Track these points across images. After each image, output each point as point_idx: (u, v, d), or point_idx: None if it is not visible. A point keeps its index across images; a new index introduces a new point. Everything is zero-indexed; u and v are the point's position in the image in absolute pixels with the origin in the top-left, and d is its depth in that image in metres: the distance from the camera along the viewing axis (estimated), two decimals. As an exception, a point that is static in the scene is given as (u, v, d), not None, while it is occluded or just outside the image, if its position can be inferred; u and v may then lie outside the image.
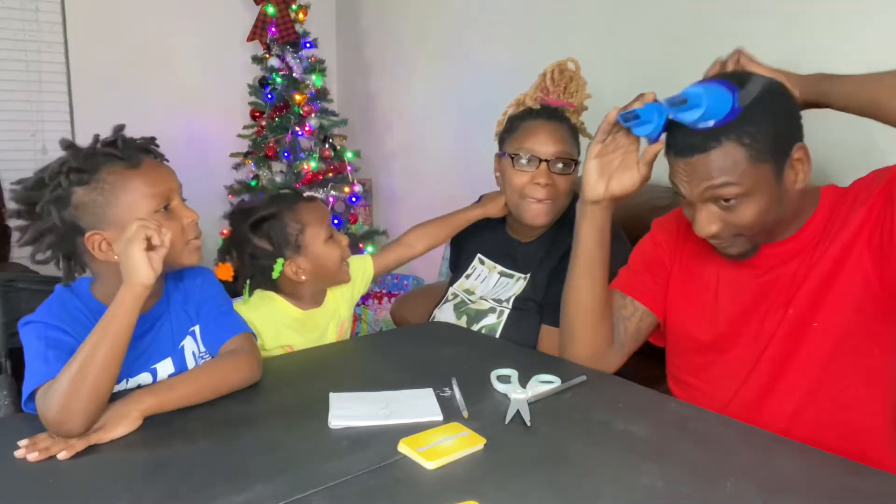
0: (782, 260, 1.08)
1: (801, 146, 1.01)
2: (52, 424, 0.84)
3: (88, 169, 0.97)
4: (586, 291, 1.19)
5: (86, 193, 0.97)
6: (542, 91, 1.49)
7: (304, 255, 1.34)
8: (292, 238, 1.33)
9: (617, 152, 1.13)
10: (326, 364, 1.24)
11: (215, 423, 0.93)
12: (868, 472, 0.81)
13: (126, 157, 0.99)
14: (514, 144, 1.44)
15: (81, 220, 0.98)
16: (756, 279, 1.11)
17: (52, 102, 2.96)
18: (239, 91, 3.22)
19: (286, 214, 1.34)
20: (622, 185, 1.13)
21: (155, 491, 0.75)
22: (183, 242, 1.03)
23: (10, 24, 2.82)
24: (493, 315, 1.46)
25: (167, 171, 1.05)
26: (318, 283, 1.39)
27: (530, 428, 0.91)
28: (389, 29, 3.25)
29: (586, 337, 1.20)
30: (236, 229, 1.37)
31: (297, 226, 1.34)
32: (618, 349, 1.22)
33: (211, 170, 3.25)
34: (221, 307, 1.14)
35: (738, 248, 1.06)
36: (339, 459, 0.82)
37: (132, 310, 0.91)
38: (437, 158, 3.04)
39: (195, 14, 3.26)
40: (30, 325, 0.96)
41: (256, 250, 1.34)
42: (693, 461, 0.83)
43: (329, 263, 1.36)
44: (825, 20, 1.60)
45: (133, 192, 0.98)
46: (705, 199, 1.02)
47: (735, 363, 1.12)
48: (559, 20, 2.33)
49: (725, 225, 1.03)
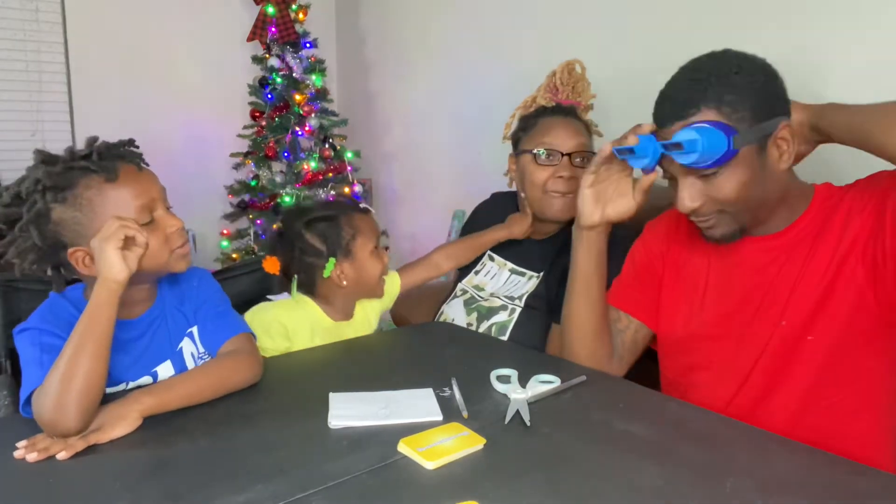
0: (771, 258, 1.07)
1: (787, 125, 0.99)
2: (48, 425, 0.84)
3: (64, 185, 0.95)
4: (585, 311, 1.20)
5: (65, 210, 0.96)
6: (552, 91, 1.52)
7: (350, 260, 1.37)
8: (344, 242, 1.36)
9: (610, 180, 1.16)
10: (326, 364, 1.24)
11: (215, 423, 0.93)
12: (868, 472, 0.81)
13: (102, 169, 0.96)
14: (534, 141, 1.46)
15: (63, 237, 0.97)
16: (745, 279, 1.09)
17: (52, 102, 2.96)
18: (239, 91, 3.23)
19: (342, 219, 1.38)
20: (617, 211, 1.16)
21: (155, 491, 0.75)
22: (168, 252, 1.02)
23: (10, 24, 2.82)
24: (504, 312, 1.46)
25: (147, 178, 1.02)
26: (355, 292, 1.41)
27: (530, 428, 0.91)
28: (389, 29, 3.25)
29: (587, 353, 1.21)
30: (290, 226, 1.40)
31: (350, 231, 1.37)
32: (617, 361, 1.24)
33: (211, 170, 3.25)
34: (219, 307, 1.14)
35: (721, 229, 1.04)
36: (339, 459, 0.82)
37: (109, 304, 0.91)
38: (437, 158, 3.04)
39: (195, 14, 3.26)
40: (24, 333, 0.96)
41: (307, 247, 1.36)
42: (693, 461, 0.83)
43: (370, 274, 1.39)
44: (825, 20, 1.60)
45: (111, 205, 0.96)
46: (686, 172, 1.01)
47: (724, 369, 1.11)
48: (559, 20, 2.33)
49: (707, 200, 1.01)
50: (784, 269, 1.05)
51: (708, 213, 1.03)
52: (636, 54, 2.06)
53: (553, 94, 1.51)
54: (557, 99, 1.50)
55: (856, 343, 1.01)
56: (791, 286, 1.04)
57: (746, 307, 1.09)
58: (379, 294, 1.45)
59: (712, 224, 1.04)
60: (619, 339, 1.24)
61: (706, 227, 1.06)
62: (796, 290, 1.03)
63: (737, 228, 1.04)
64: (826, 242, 1.02)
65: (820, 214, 1.04)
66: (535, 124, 1.47)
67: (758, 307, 1.08)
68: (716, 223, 1.04)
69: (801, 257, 1.04)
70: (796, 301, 1.03)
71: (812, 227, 1.04)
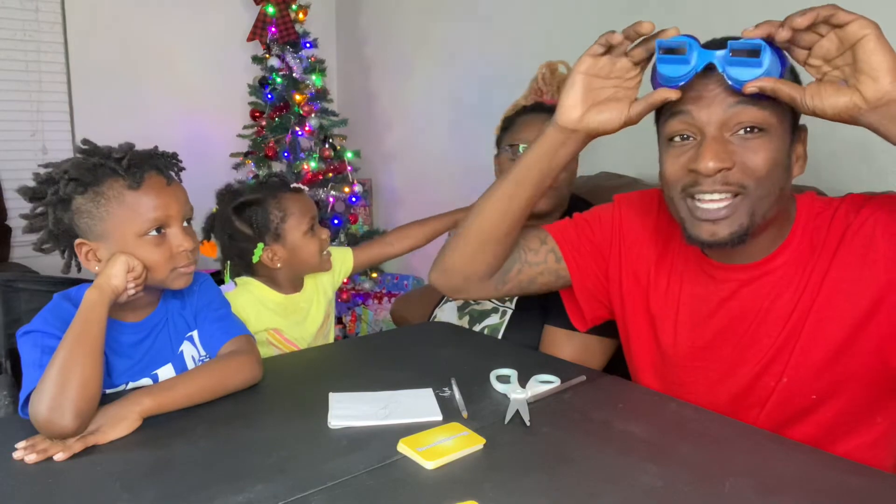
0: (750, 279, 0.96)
1: (806, 135, 0.94)
2: (44, 425, 0.84)
3: (89, 180, 0.97)
4: (501, 210, 1.05)
5: (83, 203, 0.98)
6: (536, 93, 1.51)
7: (281, 243, 1.38)
8: (273, 225, 1.37)
9: (609, 79, 0.94)
10: (326, 364, 1.24)
11: (215, 423, 0.93)
12: (868, 472, 0.81)
13: (128, 175, 0.98)
14: (510, 138, 1.47)
15: (75, 226, 0.99)
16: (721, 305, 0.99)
17: (52, 102, 2.96)
18: (239, 91, 3.23)
19: (270, 202, 1.38)
20: (600, 121, 0.94)
21: (155, 491, 0.75)
22: (169, 269, 1.01)
23: (10, 24, 2.82)
24: (496, 315, 1.46)
25: (171, 194, 1.01)
26: (292, 271, 1.43)
27: (530, 428, 0.91)
28: (389, 29, 3.25)
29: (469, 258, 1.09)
30: (220, 211, 1.42)
31: (279, 214, 1.38)
32: (498, 285, 1.13)
33: (211, 170, 3.23)
34: (219, 311, 1.14)
35: (733, 222, 0.89)
36: (339, 459, 0.82)
37: (100, 304, 0.93)
38: (437, 158, 3.04)
39: (195, 14, 3.26)
40: (27, 335, 0.96)
41: (236, 233, 1.38)
42: (693, 461, 0.83)
43: (307, 253, 1.40)
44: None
45: (127, 211, 0.98)
46: (721, 125, 0.87)
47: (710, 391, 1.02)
48: (560, 20, 2.33)
49: (736, 166, 0.87)
50: (772, 301, 0.95)
51: (731, 184, 0.88)
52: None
53: (538, 97, 1.51)
54: (542, 100, 1.50)
55: (867, 404, 0.93)
56: (788, 330, 0.93)
57: (726, 339, 0.99)
58: (325, 268, 1.46)
59: (727, 214, 0.89)
60: (517, 266, 1.12)
61: (718, 216, 0.89)
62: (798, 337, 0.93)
63: (746, 226, 0.89)
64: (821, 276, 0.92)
65: (807, 238, 0.94)
66: (513, 123, 1.48)
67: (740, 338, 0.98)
68: (733, 210, 0.89)
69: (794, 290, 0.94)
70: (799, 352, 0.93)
71: (799, 254, 0.94)
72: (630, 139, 2.11)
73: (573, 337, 1.31)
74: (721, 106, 0.87)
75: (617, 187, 1.82)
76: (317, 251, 1.41)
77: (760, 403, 0.99)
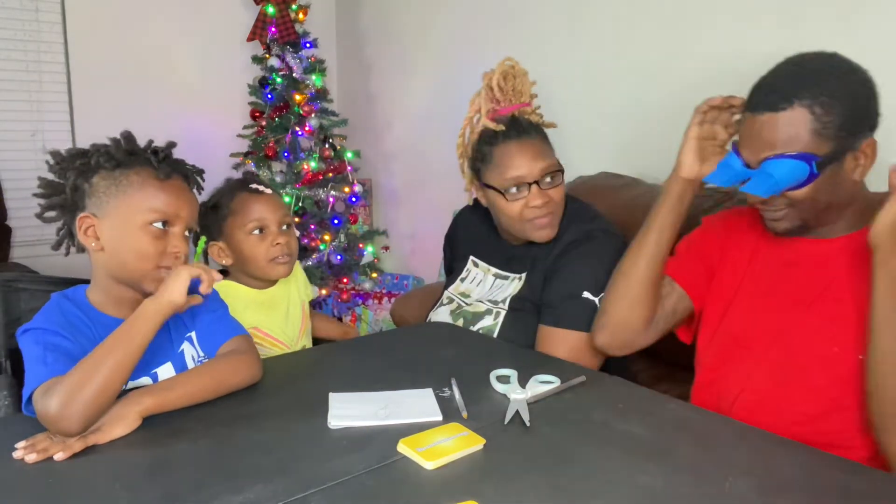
0: (823, 261, 1.08)
1: (872, 141, 1.00)
2: (51, 420, 0.84)
3: (122, 161, 1.02)
4: (646, 265, 1.22)
5: (104, 178, 1.02)
6: (493, 103, 1.45)
7: (225, 240, 1.42)
8: (217, 222, 1.42)
9: (710, 140, 1.20)
10: (326, 364, 1.24)
11: (215, 423, 0.93)
12: (868, 472, 0.81)
13: (159, 167, 1.03)
14: (497, 177, 1.38)
15: (87, 199, 1.02)
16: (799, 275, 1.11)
17: (52, 102, 2.95)
18: (239, 91, 3.22)
19: (223, 199, 1.43)
20: (708, 169, 1.19)
21: (154, 491, 0.75)
22: (153, 265, 1.02)
23: (10, 24, 2.82)
24: (489, 317, 1.45)
25: (185, 198, 1.06)
26: (243, 270, 1.44)
27: (530, 428, 0.91)
28: (389, 29, 3.25)
29: (627, 312, 1.23)
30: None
31: (223, 212, 1.42)
32: (653, 326, 1.25)
33: (211, 170, 3.20)
34: (217, 312, 1.14)
35: (786, 223, 1.07)
36: (339, 459, 0.82)
37: (152, 319, 0.94)
38: (437, 158, 3.04)
39: (195, 14, 3.26)
40: (28, 333, 0.96)
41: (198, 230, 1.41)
42: (693, 461, 0.83)
43: (251, 254, 1.41)
44: (825, 20, 1.60)
45: (143, 196, 1.01)
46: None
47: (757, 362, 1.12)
48: (560, 20, 2.33)
49: (779, 197, 1.04)
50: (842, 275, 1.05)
51: (778, 206, 1.06)
52: (638, 55, 2.06)
53: (495, 106, 1.44)
54: (501, 110, 1.42)
55: None
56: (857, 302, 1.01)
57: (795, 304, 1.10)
58: (274, 273, 1.43)
59: (780, 217, 1.07)
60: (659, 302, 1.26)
61: (773, 218, 1.08)
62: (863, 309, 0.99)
63: (801, 224, 1.07)
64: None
65: None
66: (492, 155, 1.39)
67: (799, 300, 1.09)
68: (784, 216, 1.07)
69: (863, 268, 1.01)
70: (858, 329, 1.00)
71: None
72: (630, 139, 2.11)
73: (568, 336, 1.31)
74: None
75: (617, 187, 1.82)
76: (261, 254, 1.40)
77: None
